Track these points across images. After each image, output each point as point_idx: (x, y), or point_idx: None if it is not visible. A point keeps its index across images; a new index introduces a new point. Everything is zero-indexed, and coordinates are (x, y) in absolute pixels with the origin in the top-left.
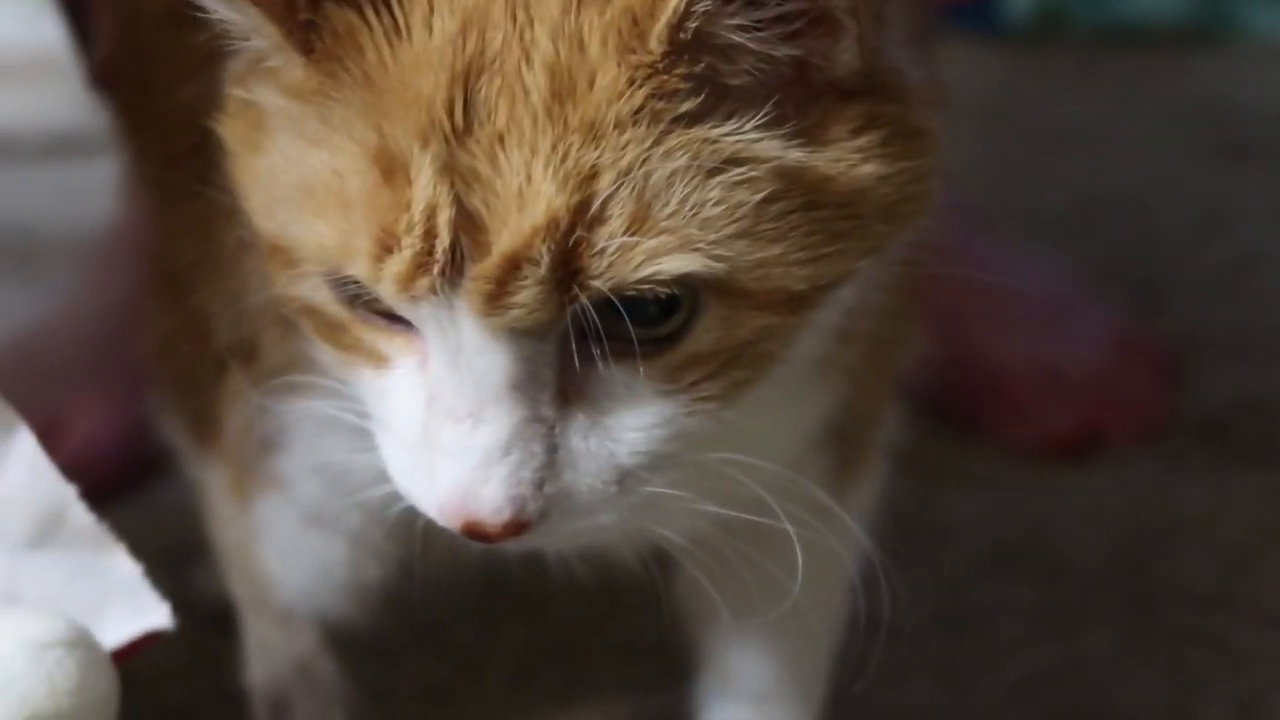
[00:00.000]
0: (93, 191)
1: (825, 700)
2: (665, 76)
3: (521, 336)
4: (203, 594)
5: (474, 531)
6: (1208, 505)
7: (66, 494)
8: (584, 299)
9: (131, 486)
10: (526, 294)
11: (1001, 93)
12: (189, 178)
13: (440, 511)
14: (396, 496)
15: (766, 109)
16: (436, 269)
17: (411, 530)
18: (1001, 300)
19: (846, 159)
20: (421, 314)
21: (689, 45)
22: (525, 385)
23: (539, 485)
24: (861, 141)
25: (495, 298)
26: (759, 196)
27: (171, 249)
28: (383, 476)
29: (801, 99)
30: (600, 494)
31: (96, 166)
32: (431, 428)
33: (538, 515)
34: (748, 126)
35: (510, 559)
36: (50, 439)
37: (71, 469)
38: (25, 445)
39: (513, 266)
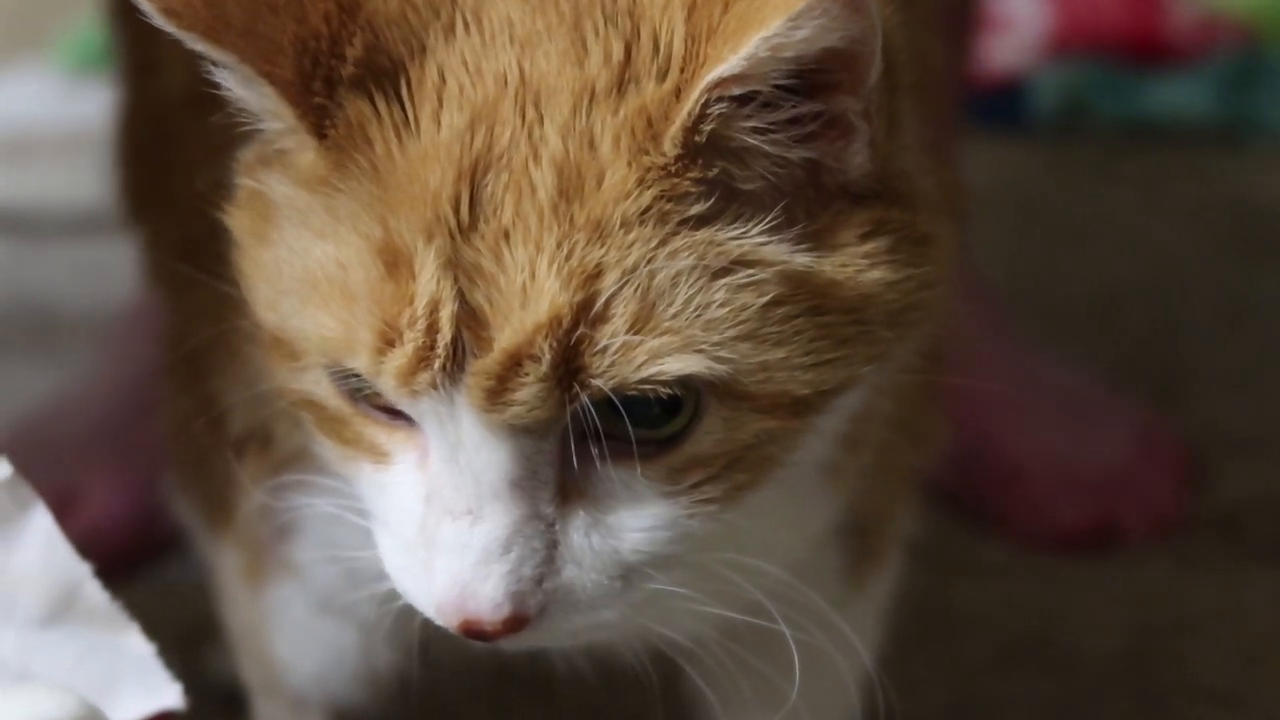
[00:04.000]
0: (114, 270)
1: None
2: (677, 179)
3: (522, 433)
4: (215, 674)
5: (472, 630)
6: (1221, 603)
7: (81, 572)
8: (585, 397)
9: (145, 564)
10: (527, 391)
11: (1025, 187)
12: (205, 262)
13: (438, 610)
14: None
15: (775, 212)
16: (438, 364)
17: (418, 621)
18: (1020, 393)
19: (854, 264)
20: (422, 409)
21: (703, 148)
22: (525, 482)
23: (538, 581)
24: (869, 247)
25: (496, 394)
26: (764, 300)
27: (187, 332)
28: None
29: (811, 202)
30: (604, 589)
31: (118, 245)
32: (429, 524)
33: (537, 611)
34: (755, 230)
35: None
36: (65, 515)
37: (86, 546)
38: (41, 522)
39: (514, 363)
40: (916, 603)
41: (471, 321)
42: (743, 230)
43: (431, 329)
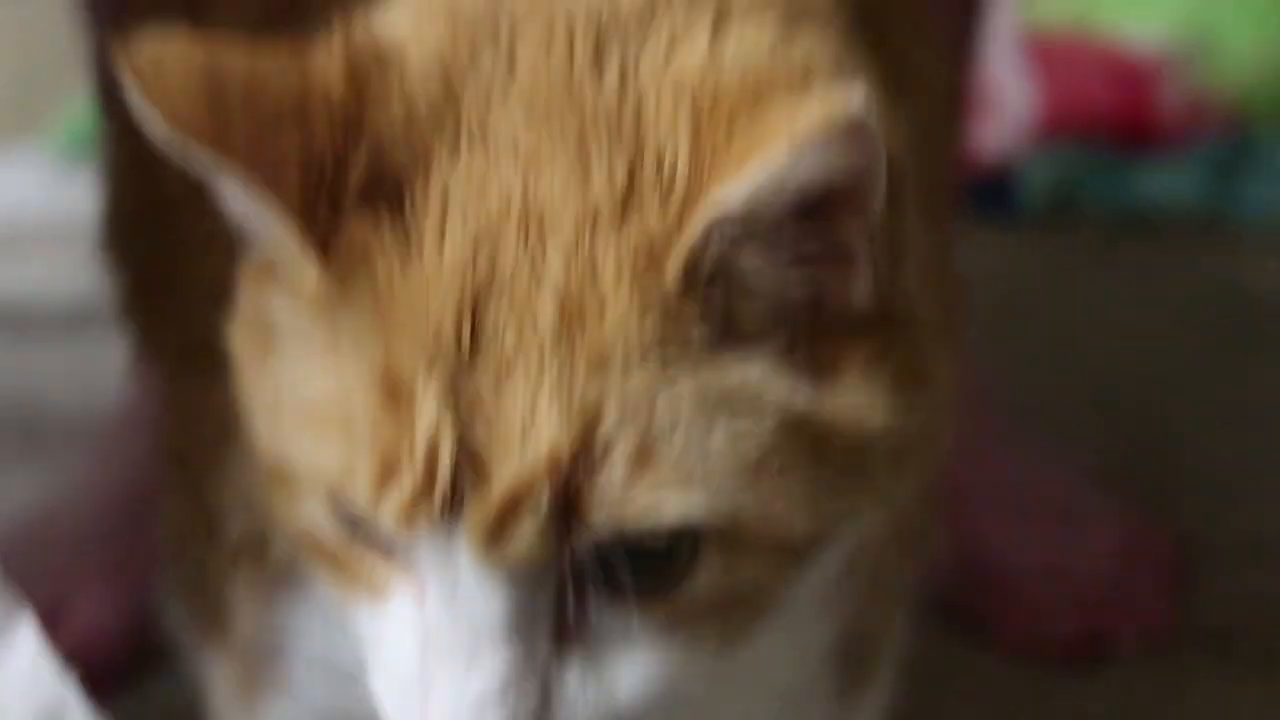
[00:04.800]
0: (104, 368)
1: None
2: (678, 308)
3: (519, 575)
4: None
5: None
6: (1213, 714)
7: (65, 696)
8: (584, 540)
9: (134, 676)
10: (526, 533)
11: (1015, 276)
12: (204, 364)
13: None
14: None
15: (776, 343)
16: (438, 501)
17: None
18: (1009, 495)
19: (854, 402)
20: (419, 546)
21: (704, 277)
22: (522, 626)
23: None
24: (871, 385)
25: (494, 535)
26: (764, 441)
27: (184, 438)
28: None
29: (812, 332)
30: None
31: (109, 342)
32: (426, 668)
33: None
34: (756, 362)
35: None
36: (53, 624)
37: (73, 656)
38: (27, 636)
39: (512, 504)
40: (907, 716)
41: (470, 458)
42: (745, 363)
43: (430, 465)
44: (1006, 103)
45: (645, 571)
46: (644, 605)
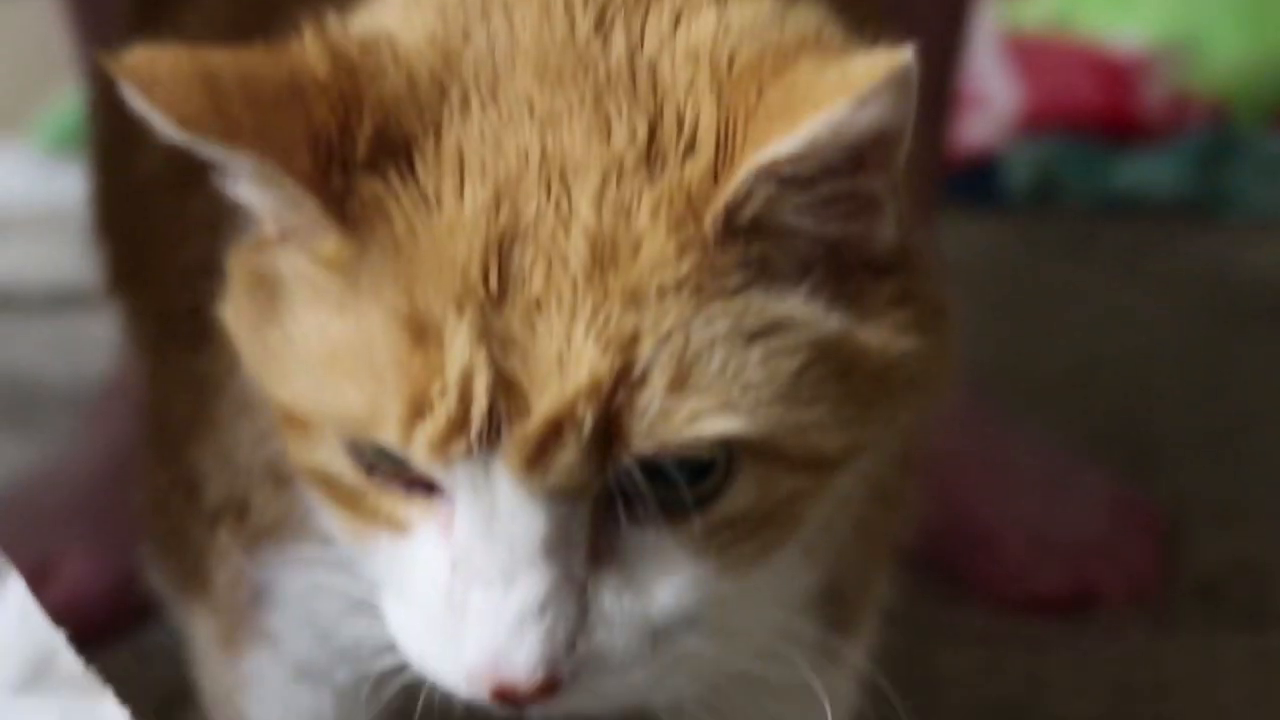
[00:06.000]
0: (92, 344)
1: None
2: (716, 256)
3: (558, 498)
4: None
5: (504, 696)
6: (1199, 668)
7: (55, 640)
8: (624, 461)
9: (120, 630)
10: (568, 456)
11: (999, 262)
12: (185, 338)
13: (469, 677)
14: (386, 655)
15: (809, 281)
16: (473, 432)
17: (400, 686)
18: (996, 465)
19: (883, 332)
20: (454, 477)
21: (744, 229)
22: (559, 546)
23: (571, 645)
24: (898, 316)
25: (536, 460)
26: (798, 362)
27: (165, 406)
28: (378, 641)
29: (839, 272)
30: (634, 653)
31: (97, 319)
32: (457, 592)
33: (569, 676)
34: (790, 299)
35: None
36: (41, 583)
37: (60, 613)
38: (16, 590)
39: (555, 429)
40: (894, 668)
41: (506, 390)
42: (777, 297)
43: (465, 398)
44: (991, 97)
45: (681, 491)
46: (680, 524)
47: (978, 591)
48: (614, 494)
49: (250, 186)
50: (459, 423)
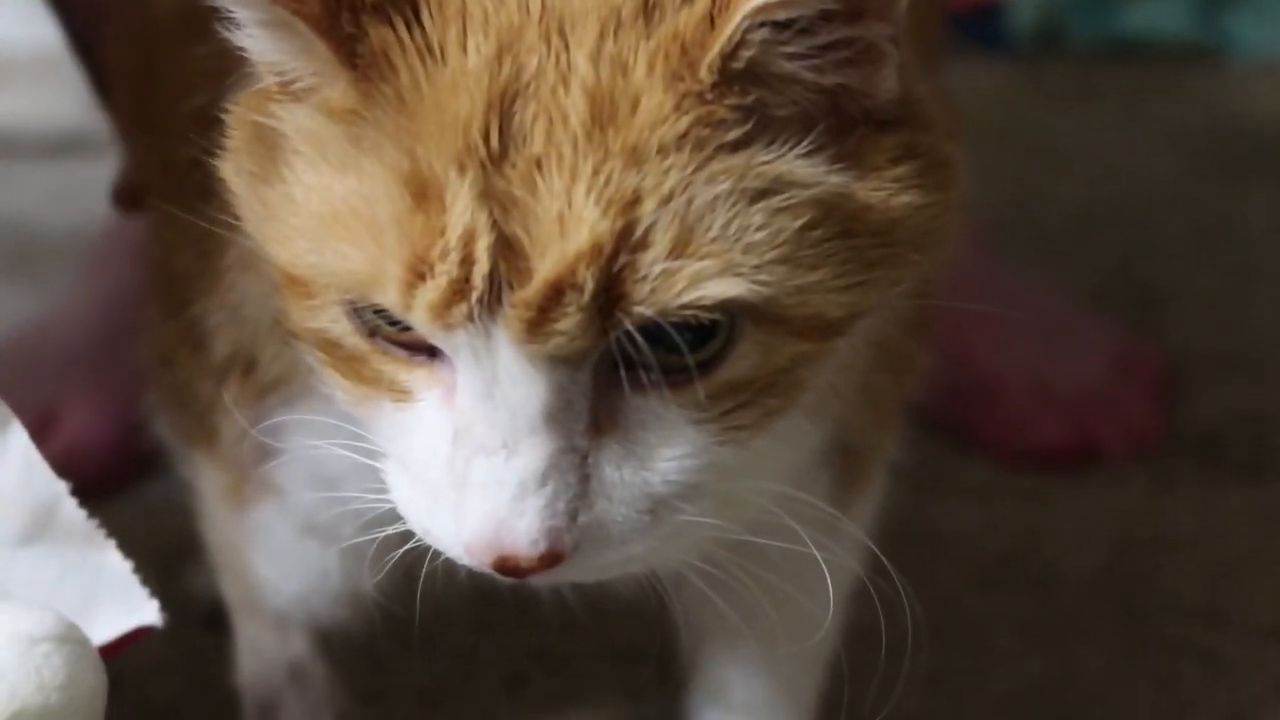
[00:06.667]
0: (93, 191)
1: (815, 712)
2: (713, 105)
3: (559, 365)
4: (194, 592)
5: (506, 566)
6: (1200, 520)
7: (58, 490)
8: (627, 325)
9: (124, 483)
10: (569, 321)
11: (1002, 106)
12: (190, 189)
13: (469, 547)
14: (393, 516)
15: (809, 136)
16: (474, 296)
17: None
18: (998, 313)
19: (885, 188)
20: (455, 343)
21: (740, 75)
22: (560, 415)
23: (573, 516)
24: (899, 171)
25: (536, 325)
26: (800, 223)
27: (171, 259)
28: (380, 489)
29: (840, 126)
30: (634, 523)
31: (97, 166)
32: (458, 462)
33: (571, 547)
34: (790, 153)
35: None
36: (43, 434)
37: (63, 465)
38: (18, 441)
39: (555, 293)
40: (895, 523)
41: (508, 252)
42: (778, 153)
43: (466, 261)
44: None
45: (682, 356)
46: (680, 390)
47: (976, 444)
48: (615, 361)
49: (258, 33)
50: (460, 286)
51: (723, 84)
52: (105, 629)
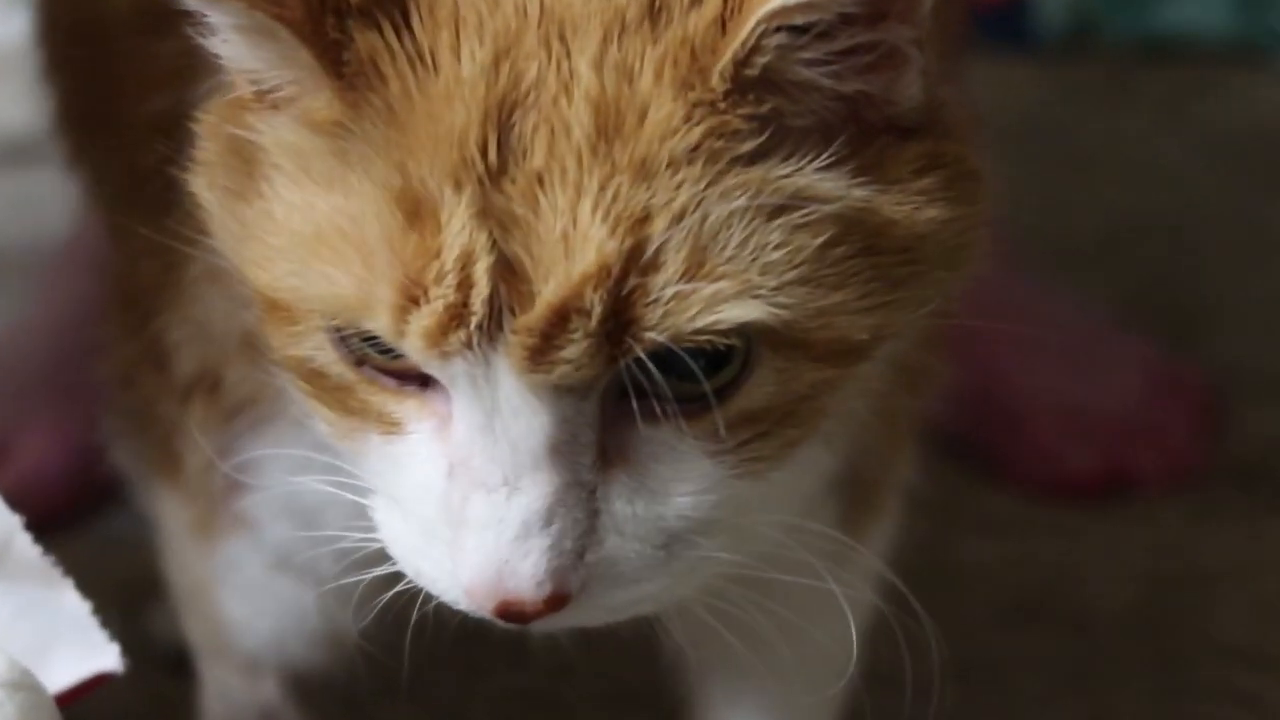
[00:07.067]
0: (47, 201)
1: None
2: (726, 115)
3: (564, 395)
4: (158, 635)
5: (509, 611)
6: (1242, 554)
7: (11, 525)
8: (637, 351)
9: (82, 516)
10: (575, 348)
11: (1030, 109)
12: (152, 198)
13: (469, 591)
14: (380, 556)
15: (830, 148)
16: (474, 322)
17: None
18: (1026, 332)
19: (910, 201)
20: (451, 372)
21: (755, 83)
22: (566, 448)
23: (580, 555)
24: (924, 183)
25: (540, 352)
26: (820, 240)
27: (131, 271)
28: (366, 526)
29: (861, 136)
30: (647, 560)
31: (54, 175)
32: (454, 499)
33: (578, 588)
34: (809, 166)
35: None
36: None
37: (17, 495)
38: None
39: (560, 318)
40: (918, 556)
41: (508, 275)
42: (796, 166)
43: (464, 284)
44: None
45: (695, 384)
46: (693, 421)
47: (1004, 474)
48: (623, 389)
49: (234, 39)
50: (457, 311)
51: (736, 92)
52: (62, 675)
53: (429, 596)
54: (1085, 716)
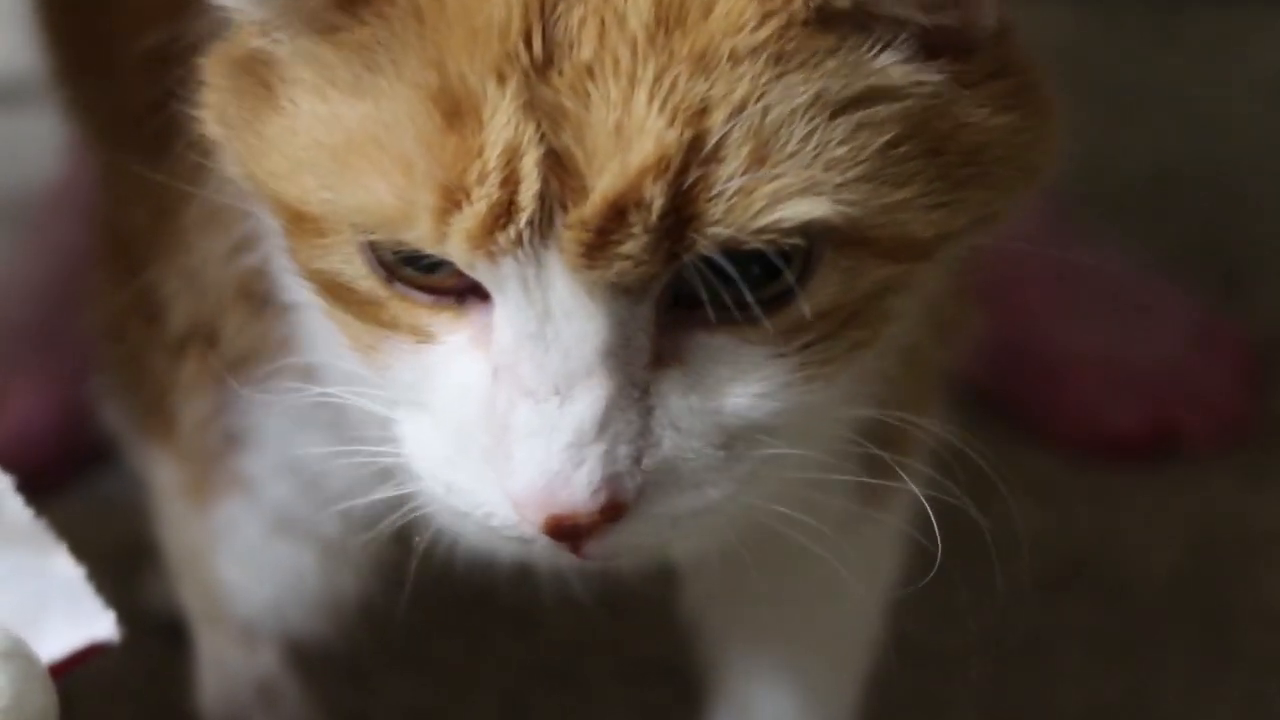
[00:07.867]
0: (34, 145)
1: None
2: (802, 25)
3: (620, 296)
4: (153, 602)
5: (563, 525)
6: None
7: (0, 487)
8: (699, 249)
9: (74, 477)
10: (634, 243)
11: (1071, 52)
12: (145, 139)
13: (517, 505)
14: (387, 506)
15: (904, 50)
16: (524, 219)
17: (399, 540)
18: (1067, 284)
19: (983, 105)
20: (500, 275)
21: (837, 16)
22: (620, 353)
23: (636, 460)
24: (995, 88)
25: (597, 248)
26: (884, 139)
27: (123, 217)
28: (366, 482)
29: (936, 47)
30: (707, 459)
31: (39, 118)
32: (500, 408)
33: (635, 495)
34: (881, 64)
35: (500, 573)
36: None
37: (7, 456)
38: None
39: (617, 212)
40: (949, 521)
41: (558, 170)
42: (867, 61)
43: (511, 180)
44: None
45: (756, 285)
46: (754, 323)
47: (1041, 431)
48: (677, 294)
49: None
50: (504, 209)
51: (817, 21)
52: (55, 644)
53: (431, 553)
54: (1127, 690)
